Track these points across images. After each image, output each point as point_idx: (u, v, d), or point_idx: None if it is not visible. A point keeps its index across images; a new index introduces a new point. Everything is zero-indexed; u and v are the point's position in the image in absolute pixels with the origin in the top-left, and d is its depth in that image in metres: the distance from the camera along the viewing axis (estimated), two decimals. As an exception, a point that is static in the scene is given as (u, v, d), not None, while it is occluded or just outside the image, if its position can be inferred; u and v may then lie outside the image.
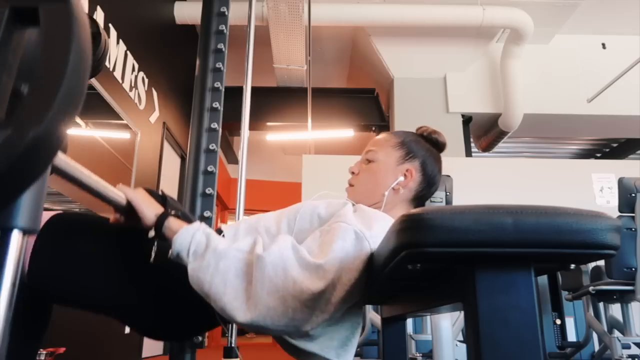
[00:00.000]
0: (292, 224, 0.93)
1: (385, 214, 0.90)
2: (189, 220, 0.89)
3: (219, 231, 0.98)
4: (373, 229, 0.79)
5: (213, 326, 1.00)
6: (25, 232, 0.51)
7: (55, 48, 0.43)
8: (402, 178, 0.99)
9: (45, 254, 0.89)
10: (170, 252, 0.82)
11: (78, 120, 2.72)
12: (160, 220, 0.86)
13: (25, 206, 0.50)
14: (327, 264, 0.74)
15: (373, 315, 2.41)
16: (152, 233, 0.87)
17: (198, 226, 0.84)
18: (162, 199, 0.92)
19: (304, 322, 0.74)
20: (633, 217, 2.07)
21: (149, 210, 0.87)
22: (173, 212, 0.88)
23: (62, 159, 0.67)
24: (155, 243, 0.88)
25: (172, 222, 0.86)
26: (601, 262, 2.45)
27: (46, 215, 0.94)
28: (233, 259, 0.78)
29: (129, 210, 0.88)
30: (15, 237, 0.50)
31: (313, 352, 0.83)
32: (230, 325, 1.53)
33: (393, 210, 0.98)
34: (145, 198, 0.89)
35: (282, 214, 0.96)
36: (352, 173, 1.06)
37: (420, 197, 1.01)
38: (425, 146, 1.04)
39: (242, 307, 0.74)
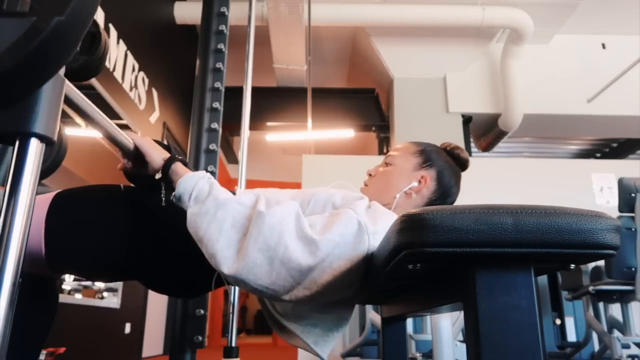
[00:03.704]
0: (304, 206, 0.93)
1: (392, 212, 0.90)
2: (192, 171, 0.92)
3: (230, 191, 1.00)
4: (377, 225, 0.79)
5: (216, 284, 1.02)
6: (43, 140, 0.51)
7: None
8: (415, 183, 0.99)
9: (57, 226, 0.90)
10: (173, 194, 0.85)
11: (78, 120, 2.72)
12: (168, 163, 0.89)
13: (43, 113, 0.50)
14: (321, 242, 0.74)
15: (373, 315, 2.40)
16: (159, 176, 0.90)
17: (203, 174, 0.86)
18: (167, 148, 0.95)
19: (285, 290, 0.75)
20: (633, 217, 2.07)
21: (157, 154, 0.91)
22: (180, 158, 0.91)
23: (77, 93, 0.67)
24: (163, 186, 0.92)
25: (179, 167, 0.89)
26: (601, 262, 2.45)
27: (49, 195, 0.94)
28: (232, 210, 0.79)
29: (136, 156, 0.92)
30: (34, 144, 0.50)
31: (294, 332, 0.85)
32: (230, 287, 1.53)
33: None
34: (151, 144, 0.93)
35: (297, 195, 0.96)
36: (369, 175, 1.07)
37: None
38: (445, 158, 1.04)
39: (232, 257, 0.75)
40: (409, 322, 2.37)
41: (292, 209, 0.79)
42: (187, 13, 4.34)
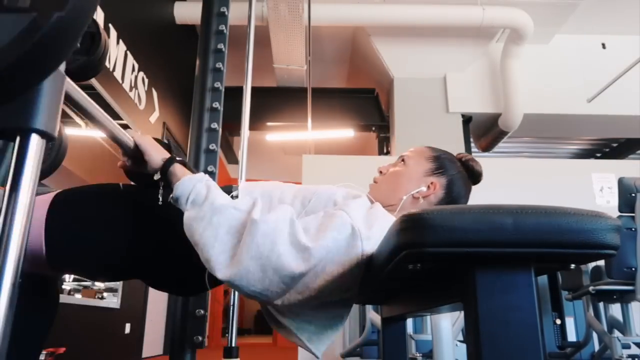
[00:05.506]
0: (305, 203, 0.94)
1: (392, 216, 0.90)
2: (192, 171, 0.92)
3: (229, 189, 1.00)
4: (372, 229, 0.79)
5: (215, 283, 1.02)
6: (44, 136, 0.51)
7: None
8: (424, 188, 0.99)
9: (58, 225, 0.91)
10: (170, 196, 0.86)
11: (78, 120, 2.72)
12: (167, 164, 0.90)
13: (43, 109, 0.50)
14: (314, 249, 0.74)
15: (373, 315, 2.40)
16: (157, 176, 0.91)
17: (201, 177, 0.87)
18: (167, 147, 0.96)
19: (277, 295, 0.76)
20: (633, 217, 2.07)
21: (156, 154, 0.91)
22: (179, 159, 0.91)
23: (77, 91, 0.68)
24: (161, 186, 0.93)
25: (178, 168, 0.89)
26: (601, 262, 2.45)
27: (50, 195, 0.95)
28: (228, 215, 0.80)
29: (136, 154, 0.92)
30: (35, 140, 0.50)
31: (290, 328, 0.86)
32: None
33: None
34: (151, 143, 0.93)
35: (299, 191, 0.98)
36: (380, 172, 1.07)
37: None
38: (459, 169, 1.03)
39: (226, 262, 0.76)
40: (409, 322, 2.37)
41: (286, 214, 0.79)
42: (187, 13, 4.34)
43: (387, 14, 4.22)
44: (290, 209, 0.82)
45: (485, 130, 5.16)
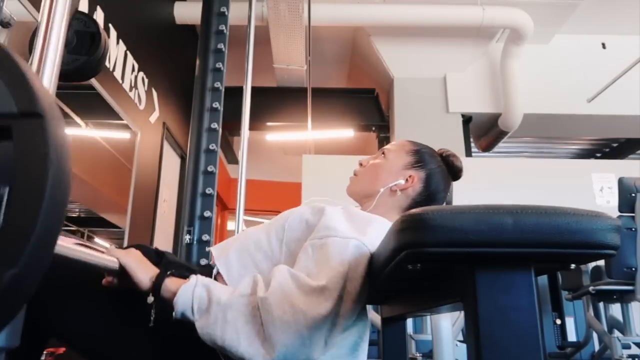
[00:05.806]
0: (280, 235, 0.92)
1: (375, 215, 0.91)
2: (186, 270, 0.86)
3: (210, 268, 0.96)
4: (367, 234, 0.80)
5: None
6: (3, 350, 0.51)
7: (31, 173, 0.38)
8: (402, 181, 0.99)
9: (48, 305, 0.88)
10: (173, 313, 0.81)
11: (78, 120, 2.72)
12: (157, 284, 0.83)
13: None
14: (330, 283, 0.74)
15: (373, 315, 2.40)
16: (150, 299, 0.84)
17: (195, 281, 0.82)
18: (157, 256, 0.90)
19: (321, 341, 0.75)
20: (633, 217, 2.07)
21: (144, 275, 0.84)
22: (168, 272, 0.84)
23: None
24: (153, 307, 0.85)
25: (169, 284, 0.83)
26: (601, 262, 2.45)
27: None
28: (238, 306, 0.77)
29: (122, 273, 0.84)
30: None
31: None
32: None
33: (386, 214, 0.97)
34: (137, 261, 0.85)
35: (270, 226, 0.95)
36: (360, 164, 1.08)
37: None
38: (439, 163, 1.04)
39: (260, 351, 0.74)
40: (409, 322, 2.37)
41: (284, 274, 0.78)
42: (187, 13, 4.34)
43: (387, 14, 4.22)
44: (283, 267, 0.81)
45: (485, 130, 5.16)
